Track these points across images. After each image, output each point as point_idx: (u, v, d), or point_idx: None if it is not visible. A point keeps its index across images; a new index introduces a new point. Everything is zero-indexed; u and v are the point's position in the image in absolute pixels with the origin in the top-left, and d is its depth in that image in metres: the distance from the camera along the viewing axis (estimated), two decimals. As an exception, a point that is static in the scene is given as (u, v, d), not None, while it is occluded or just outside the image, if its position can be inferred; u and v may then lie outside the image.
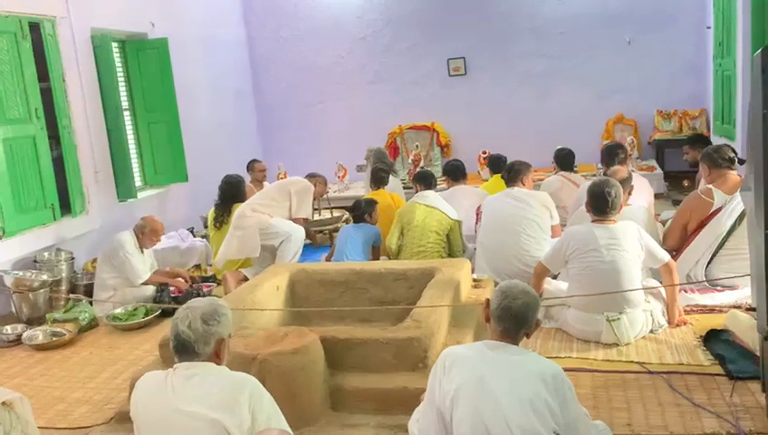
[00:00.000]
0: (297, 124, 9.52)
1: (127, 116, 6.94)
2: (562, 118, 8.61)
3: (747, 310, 3.89)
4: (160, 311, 4.90)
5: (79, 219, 5.92)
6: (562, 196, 5.61)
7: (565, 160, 6.11)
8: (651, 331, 3.94)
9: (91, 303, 5.07)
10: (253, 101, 9.63)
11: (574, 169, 6.26)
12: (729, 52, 6.90)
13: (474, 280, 4.31)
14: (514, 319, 2.29)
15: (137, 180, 6.89)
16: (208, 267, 6.13)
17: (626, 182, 4.54)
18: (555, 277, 4.46)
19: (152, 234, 5.28)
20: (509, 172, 5.16)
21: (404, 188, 6.82)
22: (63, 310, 4.96)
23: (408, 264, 4.45)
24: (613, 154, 5.54)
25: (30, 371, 4.23)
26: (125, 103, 6.93)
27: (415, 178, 5.86)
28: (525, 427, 2.10)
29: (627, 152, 5.85)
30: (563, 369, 2.29)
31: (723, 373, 3.37)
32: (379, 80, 9.26)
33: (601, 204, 3.95)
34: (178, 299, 4.98)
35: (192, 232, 6.81)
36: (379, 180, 6.03)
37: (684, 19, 8.29)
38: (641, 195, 5.09)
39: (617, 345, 3.80)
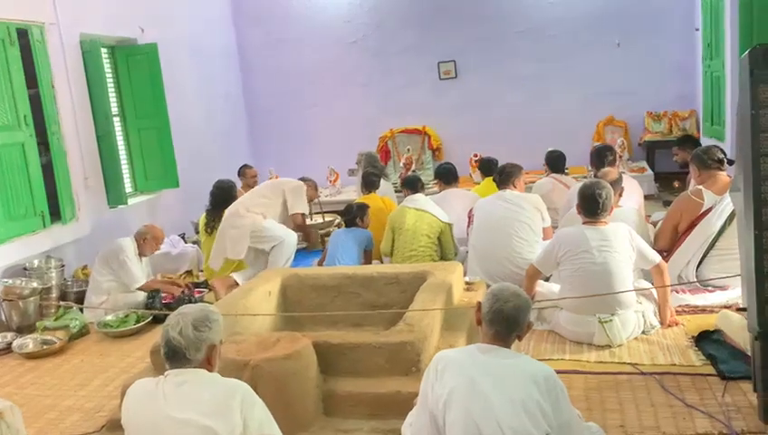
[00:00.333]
0: (288, 129, 9.50)
1: (117, 122, 6.91)
2: (553, 120, 8.63)
3: (738, 310, 3.90)
4: (152, 317, 4.87)
5: (69, 226, 5.88)
6: (554, 198, 5.63)
7: (556, 162, 6.13)
8: (643, 332, 3.95)
9: (82, 310, 5.04)
10: (243, 106, 9.61)
11: (565, 171, 6.28)
12: (718, 53, 6.95)
13: (466, 283, 4.31)
14: (506, 322, 2.29)
15: (127, 186, 6.86)
16: (200, 273, 6.11)
17: (616, 184, 4.56)
18: (547, 279, 4.46)
19: (153, 241, 5.28)
20: (500, 175, 5.16)
21: (395, 192, 6.82)
22: (54, 318, 4.92)
23: (400, 267, 4.44)
24: (602, 156, 5.56)
25: (20, 379, 4.20)
26: (115, 109, 6.90)
27: (402, 183, 5.86)
28: (518, 429, 2.10)
29: (616, 154, 5.87)
30: (556, 371, 2.29)
31: (714, 373, 3.38)
32: (370, 84, 9.26)
33: (592, 206, 3.96)
34: (170, 305, 4.96)
35: (183, 238, 6.79)
36: (371, 184, 6.03)
37: (673, 21, 8.34)
38: (632, 196, 5.11)
39: (609, 347, 3.81)
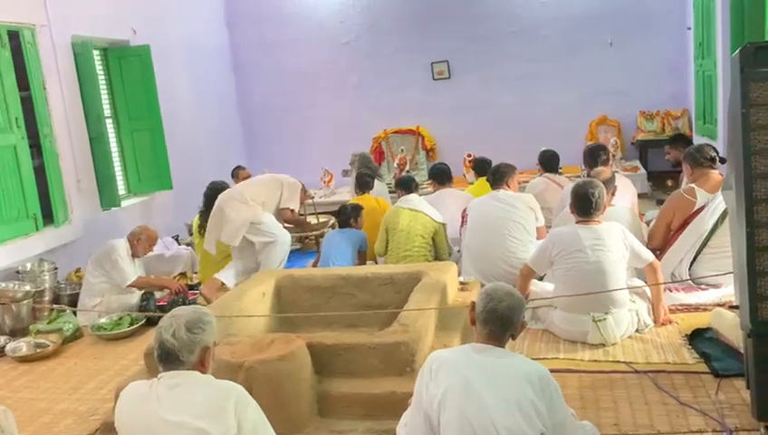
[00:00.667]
0: (282, 130, 9.49)
1: (109, 124, 6.88)
2: (546, 120, 8.64)
3: (731, 308, 3.93)
4: (146, 320, 4.85)
5: (62, 229, 5.86)
6: (547, 197, 5.63)
7: (549, 162, 6.13)
8: (637, 330, 3.96)
9: (75, 313, 5.02)
10: (237, 107, 9.60)
11: (559, 171, 6.29)
12: (709, 52, 6.98)
13: (460, 283, 4.31)
14: (500, 321, 2.29)
15: (120, 188, 6.84)
16: (194, 275, 6.09)
17: (609, 183, 4.57)
18: (541, 279, 4.47)
19: (146, 242, 5.26)
20: (494, 175, 5.17)
21: (389, 193, 6.82)
22: (47, 321, 4.90)
23: (395, 268, 4.44)
24: (595, 155, 5.58)
25: (14, 383, 4.18)
26: (107, 111, 6.88)
27: (396, 183, 5.86)
28: (512, 429, 2.10)
29: (609, 153, 5.89)
30: (550, 370, 2.30)
31: (708, 371, 3.39)
32: (363, 84, 9.26)
33: (585, 205, 3.97)
34: (164, 308, 4.94)
35: (177, 240, 6.76)
36: (365, 185, 6.03)
37: (665, 20, 8.37)
38: (625, 195, 5.12)
39: (603, 345, 3.82)
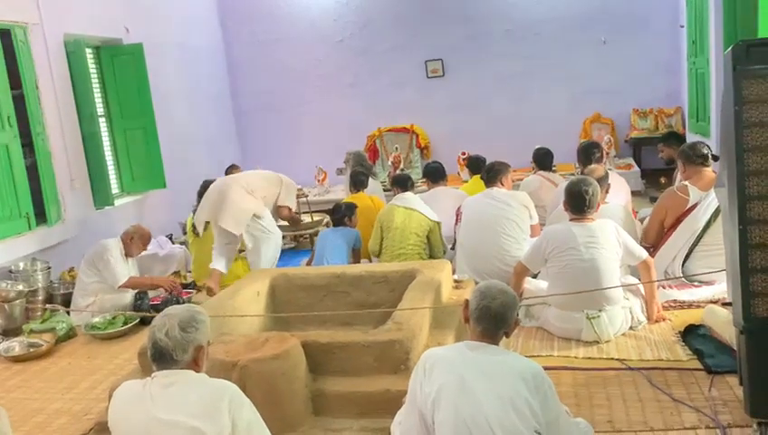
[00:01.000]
0: (276, 128, 9.47)
1: (102, 122, 6.86)
2: (540, 118, 8.67)
3: (724, 305, 3.94)
4: (139, 319, 4.83)
5: (55, 228, 5.83)
6: (541, 195, 5.64)
7: (543, 160, 6.15)
8: (631, 327, 3.98)
9: (69, 312, 5.00)
10: (230, 106, 9.58)
11: (553, 169, 6.30)
12: (702, 50, 6.99)
13: (455, 281, 4.32)
14: (493, 319, 2.29)
15: (114, 187, 6.82)
16: (188, 274, 6.08)
17: (603, 181, 4.58)
18: (535, 276, 4.48)
19: (140, 241, 5.23)
20: (488, 173, 5.17)
21: (384, 191, 6.82)
22: (40, 320, 4.88)
23: (389, 266, 4.44)
24: (589, 153, 5.59)
25: (7, 383, 4.16)
26: (100, 110, 6.84)
27: (392, 181, 5.85)
28: (507, 426, 2.10)
29: (602, 151, 5.90)
30: (544, 367, 2.30)
31: (701, 368, 3.41)
32: (358, 82, 9.25)
33: (579, 202, 3.98)
34: (158, 307, 4.92)
35: (171, 239, 6.75)
36: (359, 183, 6.02)
37: (658, 18, 8.40)
38: (619, 193, 5.14)
39: (597, 343, 3.83)
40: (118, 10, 7.01)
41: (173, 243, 6.60)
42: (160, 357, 2.19)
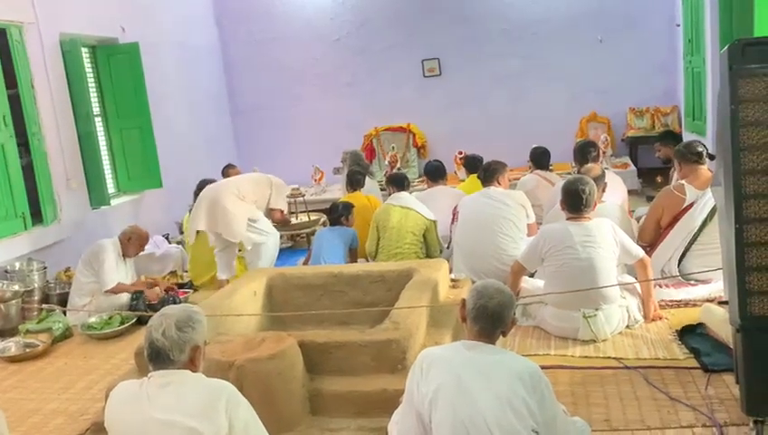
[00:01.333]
0: (272, 127, 9.46)
1: (99, 122, 6.84)
2: (537, 117, 8.67)
3: (720, 303, 3.95)
4: (136, 319, 4.82)
5: (51, 228, 5.82)
6: (538, 194, 5.65)
7: (540, 159, 6.15)
8: (627, 326, 3.98)
9: (65, 313, 4.99)
10: (227, 105, 9.56)
11: (549, 168, 6.31)
12: (698, 49, 7.00)
13: (452, 280, 4.32)
14: (490, 318, 2.29)
15: (110, 187, 6.80)
16: (184, 274, 6.07)
17: (599, 180, 4.59)
18: (532, 275, 4.48)
19: (137, 241, 5.22)
20: (485, 172, 5.18)
21: (381, 190, 6.82)
22: (36, 320, 4.87)
23: (386, 265, 4.44)
24: (585, 152, 5.59)
25: (3, 383, 4.15)
26: (96, 109, 6.83)
27: (387, 180, 5.84)
28: (504, 426, 2.10)
29: (599, 150, 5.90)
30: (541, 366, 2.30)
31: (698, 366, 3.41)
32: (354, 82, 9.24)
33: (576, 201, 3.98)
34: (154, 306, 4.91)
35: (167, 238, 6.73)
36: (356, 183, 6.02)
37: (654, 17, 8.40)
38: (615, 192, 5.14)
39: (594, 342, 3.84)
40: (114, 9, 6.99)
41: (170, 243, 6.59)
42: (157, 357, 2.18)
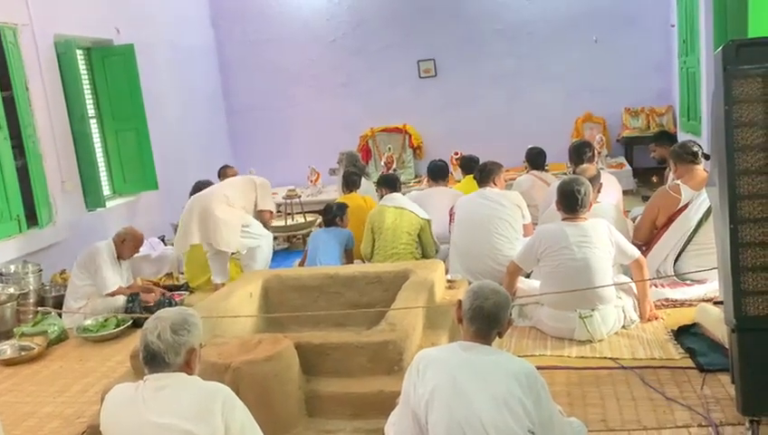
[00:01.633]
0: (268, 128, 9.45)
1: (93, 124, 6.83)
2: (532, 117, 8.69)
3: (716, 303, 3.96)
4: (132, 321, 4.81)
5: (46, 230, 5.80)
6: (534, 194, 5.65)
7: (536, 159, 6.16)
8: (623, 326, 3.99)
9: (61, 315, 4.97)
10: (223, 106, 9.55)
11: (545, 168, 6.32)
12: (693, 49, 7.02)
13: (448, 281, 4.32)
14: (486, 319, 2.29)
15: (105, 189, 6.79)
16: (180, 275, 6.06)
17: (594, 180, 4.59)
18: (528, 276, 4.49)
19: (132, 243, 5.20)
20: (481, 173, 5.18)
21: (377, 191, 6.81)
22: (32, 323, 4.85)
23: (382, 266, 4.44)
24: (581, 152, 5.60)
25: (-2, 386, 4.14)
26: (91, 111, 6.82)
27: (379, 182, 5.81)
28: (500, 427, 2.10)
29: (594, 150, 5.92)
30: (538, 367, 2.31)
31: (693, 366, 3.42)
32: (350, 82, 9.24)
33: (571, 202, 3.99)
34: (150, 309, 4.90)
35: (163, 240, 6.72)
36: (352, 184, 6.02)
37: (649, 18, 8.43)
38: (610, 192, 5.15)
39: (590, 342, 3.84)
40: (108, 11, 6.98)
41: (165, 244, 6.57)
42: (152, 360, 2.18)
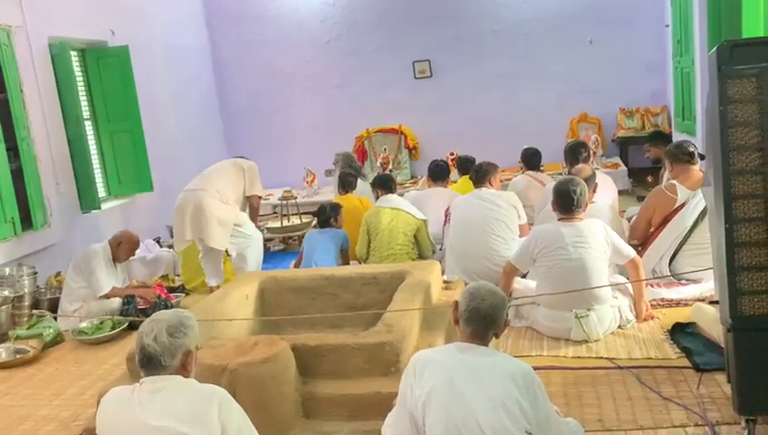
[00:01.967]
0: (264, 130, 9.44)
1: (88, 125, 6.80)
2: (528, 117, 8.70)
3: (711, 303, 3.97)
4: (128, 324, 4.79)
5: (41, 233, 5.77)
6: (529, 195, 5.66)
7: (531, 160, 6.17)
8: (619, 326, 4.00)
9: (56, 318, 4.95)
10: (218, 108, 9.53)
11: (540, 169, 6.33)
12: (687, 49, 7.04)
13: (444, 282, 4.32)
14: (483, 320, 2.29)
15: (100, 191, 6.76)
16: (176, 277, 6.04)
17: (590, 180, 4.61)
18: (524, 276, 4.49)
19: (128, 246, 5.19)
20: (476, 173, 5.19)
21: (372, 192, 6.81)
22: (27, 326, 4.82)
23: (378, 268, 4.43)
24: (576, 153, 5.61)
25: (-7, 390, 4.12)
26: (86, 113, 6.79)
27: (374, 183, 5.80)
28: (497, 427, 2.10)
29: (589, 150, 5.93)
30: (534, 367, 2.31)
31: (690, 366, 3.43)
32: (345, 83, 9.24)
33: (567, 202, 3.99)
34: (146, 311, 4.88)
35: (159, 242, 6.69)
36: (347, 185, 6.01)
37: (643, 18, 8.45)
38: (606, 192, 5.16)
39: (586, 342, 3.85)
40: (103, 12, 6.95)
41: (161, 246, 6.55)
42: (148, 363, 2.17)
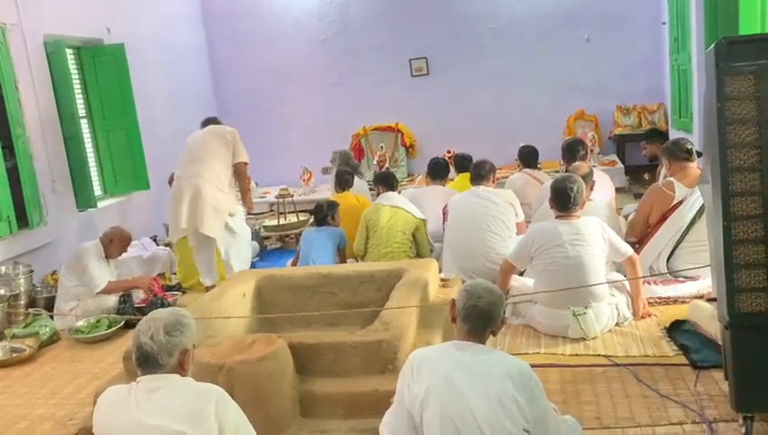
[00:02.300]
0: (260, 128, 9.40)
1: (84, 124, 6.78)
2: (524, 115, 8.71)
3: (709, 300, 3.97)
4: (124, 322, 4.78)
5: (37, 231, 5.76)
6: (527, 192, 5.66)
7: (528, 158, 6.17)
8: (617, 324, 4.00)
9: (52, 316, 4.94)
10: (214, 106, 9.49)
11: (538, 166, 6.33)
12: (684, 47, 7.05)
13: (442, 280, 4.31)
14: (480, 318, 2.29)
15: (96, 189, 6.74)
16: (173, 276, 6.03)
17: (587, 178, 4.61)
18: (522, 274, 4.49)
19: (119, 242, 5.16)
20: (473, 171, 5.18)
21: (370, 190, 6.81)
22: (23, 325, 4.82)
23: (376, 265, 4.43)
24: (573, 150, 5.61)
25: (-11, 389, 4.11)
26: (82, 111, 6.77)
27: (375, 180, 5.81)
28: (495, 425, 2.10)
29: (587, 148, 5.93)
30: (532, 365, 2.30)
31: (687, 363, 3.43)
32: (342, 81, 9.23)
33: (564, 200, 3.99)
34: (143, 310, 4.88)
35: (155, 240, 6.69)
36: (344, 182, 6.01)
37: (640, 15, 8.46)
38: (603, 190, 5.16)
39: (584, 339, 3.85)
40: (99, 10, 6.93)
41: (157, 244, 6.54)
42: (145, 361, 2.16)
